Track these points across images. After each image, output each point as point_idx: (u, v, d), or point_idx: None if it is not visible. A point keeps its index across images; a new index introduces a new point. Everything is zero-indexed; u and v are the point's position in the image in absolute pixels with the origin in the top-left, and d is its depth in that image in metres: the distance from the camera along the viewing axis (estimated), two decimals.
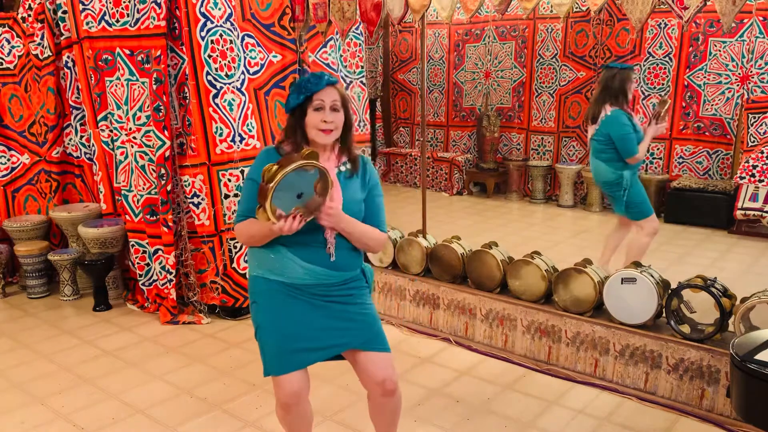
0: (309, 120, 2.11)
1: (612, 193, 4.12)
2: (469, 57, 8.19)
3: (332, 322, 2.19)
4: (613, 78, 3.96)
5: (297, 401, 2.19)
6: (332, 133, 2.13)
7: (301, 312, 2.16)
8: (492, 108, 8.01)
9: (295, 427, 2.32)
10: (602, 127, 3.98)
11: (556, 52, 7.31)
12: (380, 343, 2.24)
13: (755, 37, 5.93)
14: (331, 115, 2.11)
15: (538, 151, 7.71)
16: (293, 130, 2.16)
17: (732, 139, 6.23)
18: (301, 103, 2.12)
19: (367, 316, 2.26)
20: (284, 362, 2.15)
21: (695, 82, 6.38)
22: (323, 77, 2.13)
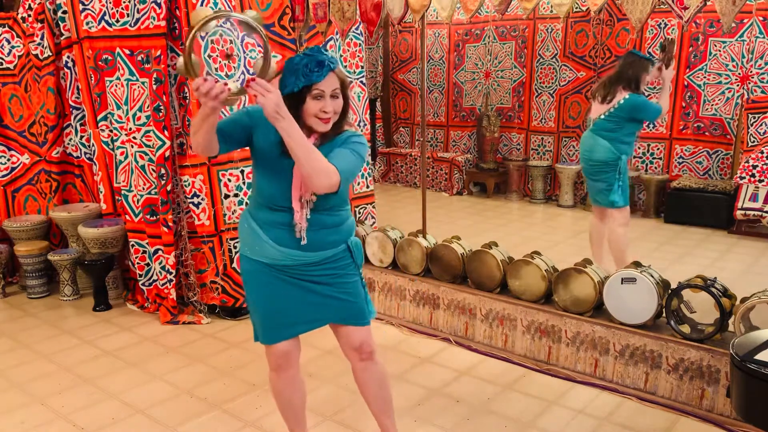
0: (307, 107, 2.04)
1: (601, 176, 4.10)
2: (469, 57, 8.19)
3: (313, 298, 2.25)
4: (630, 64, 4.01)
5: (286, 362, 2.31)
6: (330, 121, 2.09)
7: (283, 290, 2.22)
8: (492, 108, 8.01)
9: (287, 394, 2.41)
10: (620, 109, 4.00)
11: (556, 52, 7.31)
12: (360, 318, 2.32)
13: (755, 37, 5.93)
14: (331, 103, 2.05)
15: (538, 151, 7.71)
16: None
17: (732, 139, 6.23)
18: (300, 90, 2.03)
19: (348, 294, 2.29)
20: (272, 334, 2.27)
21: (695, 82, 6.38)
22: (324, 64, 2.01)
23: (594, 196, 4.29)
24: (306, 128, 2.07)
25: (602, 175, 4.11)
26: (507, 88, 7.87)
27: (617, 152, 4.04)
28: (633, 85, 3.99)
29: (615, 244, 4.20)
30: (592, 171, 4.18)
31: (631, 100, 3.98)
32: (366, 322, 2.35)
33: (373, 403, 2.48)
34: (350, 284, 2.30)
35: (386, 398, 2.48)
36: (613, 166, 4.06)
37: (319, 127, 2.09)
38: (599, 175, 4.13)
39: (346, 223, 2.27)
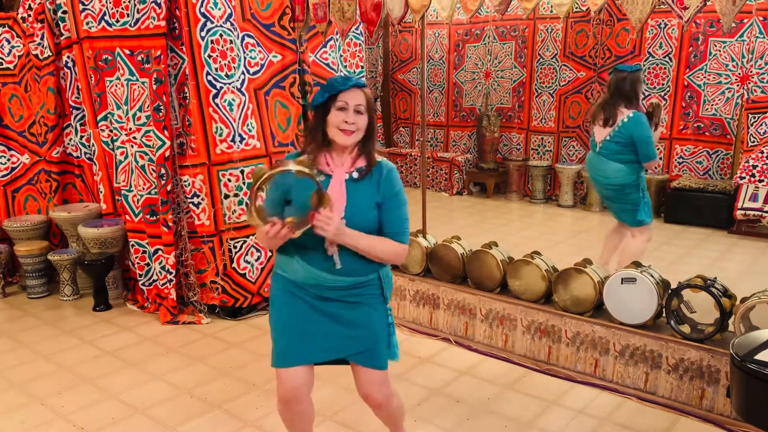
0: (331, 119, 2.08)
1: (624, 197, 4.00)
2: (469, 57, 8.19)
3: (333, 326, 2.19)
4: (624, 80, 3.91)
5: (295, 398, 2.22)
6: (353, 135, 2.09)
7: (305, 311, 2.19)
8: (492, 108, 8.01)
9: (294, 424, 2.35)
10: (623, 128, 3.89)
11: (556, 52, 7.31)
12: (374, 360, 2.23)
13: (755, 37, 5.93)
14: (353, 116, 2.07)
15: (538, 151, 7.71)
16: (315, 128, 2.14)
17: (732, 139, 6.24)
18: (325, 102, 2.09)
19: (369, 327, 2.22)
20: (286, 356, 2.20)
21: (695, 82, 6.38)
22: (351, 78, 2.10)
23: (618, 214, 4.17)
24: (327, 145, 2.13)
25: (625, 198, 4.01)
26: (507, 88, 7.88)
27: (634, 173, 3.93)
28: (634, 100, 3.91)
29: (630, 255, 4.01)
30: (613, 195, 4.07)
31: (635, 119, 3.87)
32: (380, 366, 2.25)
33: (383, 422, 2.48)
34: (373, 316, 2.23)
35: (397, 424, 2.47)
36: (635, 187, 3.96)
37: (340, 140, 2.09)
38: (622, 198, 4.03)
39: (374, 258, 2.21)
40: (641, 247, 4.08)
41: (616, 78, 3.97)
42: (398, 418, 2.45)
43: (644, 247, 4.11)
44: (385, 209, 2.16)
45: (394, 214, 2.17)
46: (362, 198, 2.13)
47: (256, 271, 4.24)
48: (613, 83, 3.98)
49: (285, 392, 2.21)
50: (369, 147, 2.16)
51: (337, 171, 2.13)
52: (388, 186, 2.17)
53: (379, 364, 2.24)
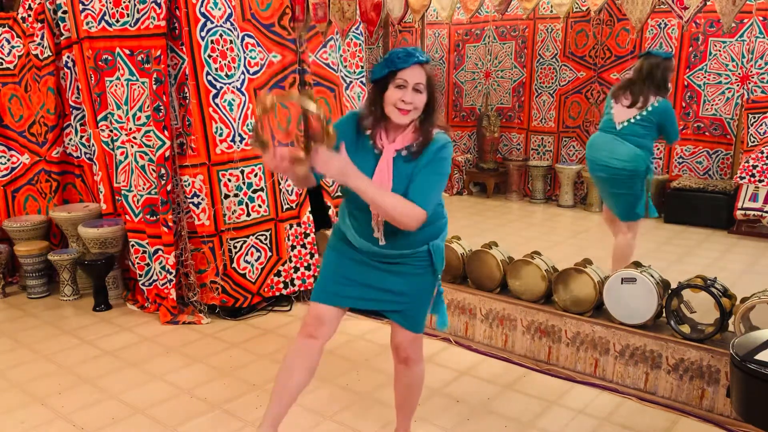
0: (388, 96, 2.05)
1: (627, 185, 3.85)
2: (469, 57, 8.19)
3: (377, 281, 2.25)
4: (657, 66, 3.77)
5: (316, 329, 2.27)
6: (409, 114, 2.06)
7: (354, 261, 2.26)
8: (492, 108, 8.01)
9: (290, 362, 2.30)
10: (654, 114, 3.78)
11: (556, 52, 7.31)
12: (409, 322, 2.29)
13: (755, 37, 5.93)
14: (411, 95, 2.03)
15: (538, 151, 7.72)
16: (372, 103, 2.11)
17: (732, 139, 6.24)
18: (385, 77, 2.05)
19: (411, 292, 2.26)
20: (323, 292, 2.30)
21: (695, 82, 6.38)
22: (414, 54, 2.03)
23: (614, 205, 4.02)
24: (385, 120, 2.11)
25: (628, 185, 3.86)
26: (507, 88, 7.87)
27: (648, 161, 3.83)
28: (662, 88, 3.81)
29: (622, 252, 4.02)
30: (617, 180, 3.87)
31: (665, 105, 3.81)
32: (414, 328, 2.31)
33: (397, 398, 2.56)
34: (417, 284, 2.27)
35: (411, 402, 2.55)
36: (642, 177, 3.84)
37: (396, 118, 2.07)
38: (625, 184, 3.86)
39: (433, 225, 2.21)
40: (631, 245, 4.05)
41: (649, 63, 3.80)
42: (415, 392, 2.50)
43: (633, 244, 4.07)
44: (419, 170, 2.08)
45: (426, 178, 2.07)
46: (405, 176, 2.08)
47: (256, 271, 4.24)
48: (645, 68, 3.80)
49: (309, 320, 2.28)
50: (427, 125, 2.11)
51: (387, 147, 2.10)
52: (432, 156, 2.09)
53: (413, 327, 2.30)
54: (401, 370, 2.43)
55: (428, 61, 2.08)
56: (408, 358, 2.36)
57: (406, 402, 2.55)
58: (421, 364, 2.44)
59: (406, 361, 2.38)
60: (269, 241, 4.28)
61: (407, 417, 2.60)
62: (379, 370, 3.42)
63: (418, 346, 2.38)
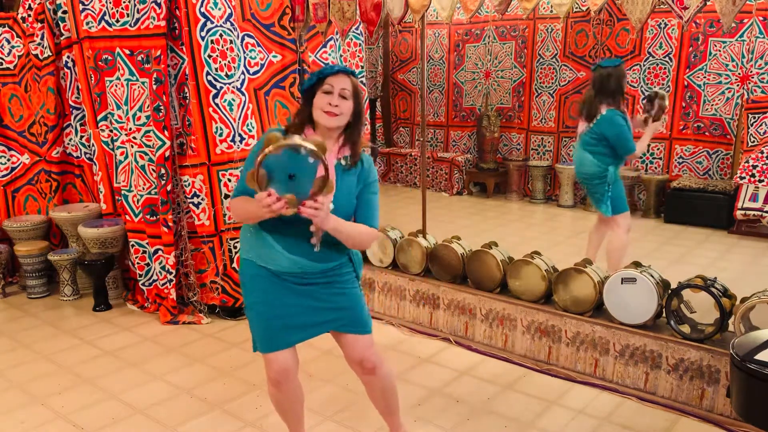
0: (316, 101, 2.16)
1: (593, 187, 4.12)
2: (469, 57, 8.19)
3: (314, 304, 2.28)
4: (608, 77, 3.94)
5: (285, 378, 2.32)
6: (336, 118, 2.15)
7: (285, 295, 2.26)
8: (492, 108, 8.00)
9: (286, 405, 2.44)
10: (596, 126, 4.00)
11: (556, 52, 7.31)
12: (359, 326, 2.35)
13: (755, 37, 5.93)
14: (338, 100, 2.14)
15: (538, 151, 7.71)
16: (301, 110, 2.22)
17: (732, 139, 6.23)
18: (313, 85, 2.17)
19: (348, 299, 2.33)
20: (272, 341, 2.28)
21: (695, 82, 6.38)
22: (339, 65, 2.21)
23: (593, 203, 4.34)
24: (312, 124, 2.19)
25: (593, 188, 4.13)
26: (507, 88, 7.87)
27: (603, 165, 4.03)
28: (618, 95, 3.96)
29: (614, 252, 4.15)
30: (584, 183, 4.25)
31: (608, 116, 3.95)
32: (366, 331, 2.37)
33: (377, 406, 2.56)
34: (349, 289, 2.35)
35: (391, 404, 2.54)
36: (602, 179, 4.05)
37: (324, 121, 2.15)
38: (590, 187, 4.17)
39: None
40: (622, 238, 4.16)
41: (599, 74, 3.99)
42: (393, 393, 2.51)
43: (625, 239, 4.17)
44: (362, 195, 2.26)
45: (368, 203, 2.27)
46: (347, 187, 2.21)
47: None
48: (597, 80, 4.01)
49: (276, 374, 2.30)
50: (355, 136, 2.23)
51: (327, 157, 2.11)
52: (368, 176, 2.28)
53: (365, 329, 2.37)
54: (371, 381, 2.43)
55: (354, 73, 2.22)
56: (374, 367, 2.38)
57: (389, 406, 2.54)
58: (386, 367, 2.43)
59: (372, 371, 2.39)
60: None
61: (395, 416, 2.59)
62: None
63: (378, 350, 2.41)
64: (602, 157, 4.03)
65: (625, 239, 4.17)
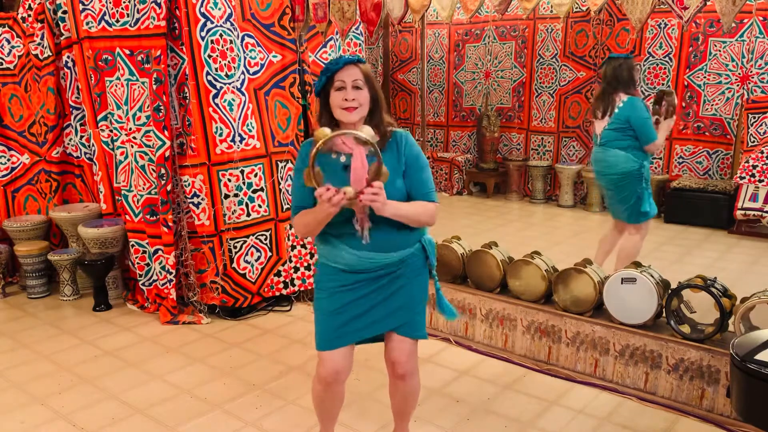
0: (332, 100, 2.14)
1: (629, 186, 3.91)
2: (469, 57, 8.19)
3: (375, 306, 2.26)
4: (620, 67, 3.91)
5: (335, 379, 2.31)
6: (356, 111, 2.13)
7: (350, 298, 2.25)
8: (492, 108, 8.01)
9: (327, 405, 2.44)
10: (621, 112, 3.87)
11: (556, 52, 7.31)
12: (411, 329, 2.33)
13: (755, 37, 5.93)
14: (352, 93, 2.11)
15: (538, 151, 7.71)
16: (321, 114, 2.21)
17: (732, 139, 6.24)
18: (324, 85, 2.15)
19: (412, 299, 2.31)
20: (328, 339, 2.28)
21: (695, 82, 6.38)
22: (344, 57, 2.16)
23: (618, 213, 4.09)
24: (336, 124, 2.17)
25: (627, 188, 3.93)
26: (507, 88, 7.87)
27: (637, 160, 3.87)
28: (631, 86, 3.91)
29: (628, 253, 4.01)
30: (615, 186, 3.98)
31: (631, 101, 3.88)
32: (416, 335, 2.35)
33: (394, 407, 2.57)
34: (417, 287, 2.32)
35: (407, 409, 2.55)
36: (637, 176, 3.88)
37: (345, 118, 2.13)
38: (624, 188, 3.94)
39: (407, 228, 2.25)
40: (638, 246, 4.07)
41: (612, 66, 3.96)
42: (414, 400, 2.52)
43: (640, 245, 4.09)
44: (410, 174, 2.21)
45: (420, 176, 2.22)
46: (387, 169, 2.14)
47: (256, 271, 4.24)
48: (609, 71, 3.96)
49: (327, 374, 2.29)
50: (377, 119, 2.19)
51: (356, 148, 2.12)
52: (409, 151, 2.22)
53: (419, 334, 2.36)
54: (399, 385, 2.43)
55: (361, 61, 2.17)
56: (405, 374, 2.37)
57: (404, 410, 2.55)
58: (417, 376, 2.44)
59: (403, 377, 2.38)
60: (269, 241, 4.28)
61: (405, 421, 2.60)
62: (379, 370, 3.42)
63: (416, 358, 2.40)
64: (634, 151, 3.85)
65: (641, 246, 4.06)
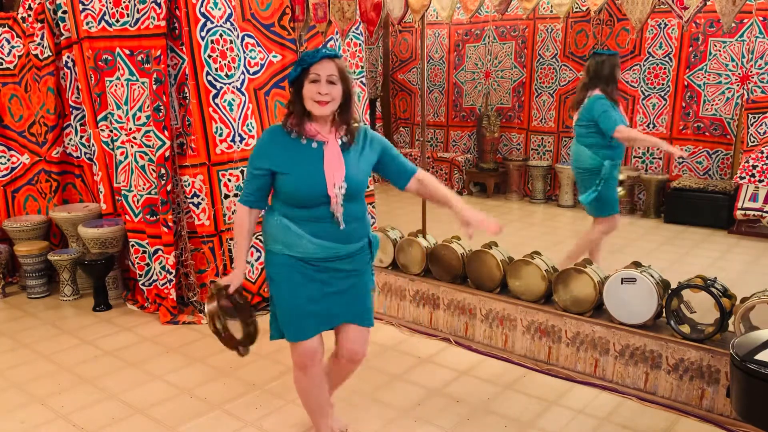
0: (305, 92, 2.19)
1: (586, 182, 4.05)
2: (469, 57, 8.19)
3: (336, 294, 2.36)
4: (602, 64, 3.95)
5: (312, 361, 2.39)
6: (328, 105, 2.19)
7: (312, 284, 2.32)
8: (492, 108, 8.01)
9: (315, 393, 2.50)
10: (584, 110, 3.98)
11: (556, 52, 7.31)
12: (367, 318, 2.46)
13: (755, 37, 5.93)
14: (326, 87, 2.17)
15: (538, 151, 7.71)
16: (293, 102, 2.25)
17: (732, 139, 6.23)
18: (299, 76, 2.19)
19: (364, 289, 2.43)
20: (301, 330, 2.35)
21: (695, 82, 6.38)
22: (321, 50, 2.20)
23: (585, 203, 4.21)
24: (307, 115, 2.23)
25: (586, 183, 4.06)
26: (507, 88, 7.87)
27: (598, 158, 3.97)
28: (611, 83, 3.94)
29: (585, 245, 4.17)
30: (579, 180, 4.15)
31: (594, 98, 3.93)
32: (371, 323, 2.47)
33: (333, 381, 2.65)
34: (367, 279, 2.45)
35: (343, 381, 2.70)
36: (595, 174, 3.98)
37: (316, 110, 2.19)
38: (583, 183, 4.09)
39: (366, 216, 2.42)
40: (595, 236, 4.15)
41: (596, 61, 3.99)
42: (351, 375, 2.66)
43: (599, 237, 4.16)
44: (387, 160, 2.41)
45: (399, 158, 2.44)
46: (354, 161, 2.29)
47: (255, 271, 4.24)
48: (591, 66, 4.01)
49: (303, 358, 2.38)
50: (347, 116, 2.28)
51: (330, 139, 2.25)
52: (378, 142, 2.40)
53: (371, 322, 2.48)
54: (349, 368, 2.55)
55: (337, 56, 2.22)
56: (360, 360, 2.50)
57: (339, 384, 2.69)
58: None
59: (358, 362, 2.51)
60: None
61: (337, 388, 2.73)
62: (379, 370, 3.42)
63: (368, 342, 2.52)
64: (597, 150, 3.96)
65: (598, 238, 4.16)
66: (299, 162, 2.22)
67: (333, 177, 2.22)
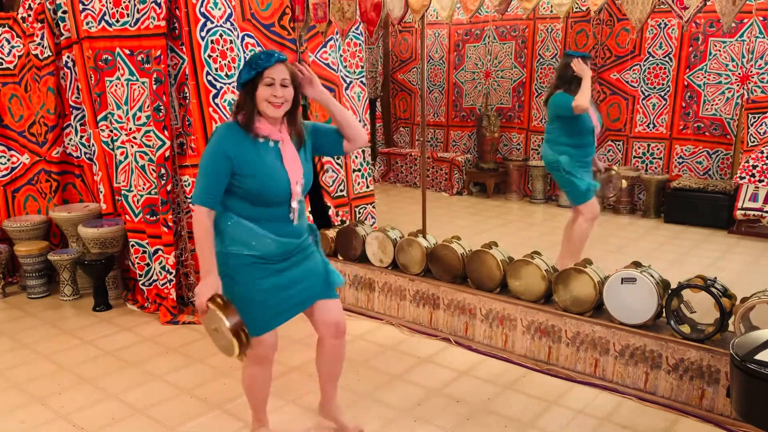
0: (259, 94, 2.27)
1: (554, 174, 4.34)
2: (469, 57, 8.19)
3: (297, 282, 2.45)
4: (568, 65, 4.07)
5: (272, 353, 2.55)
6: (282, 107, 2.29)
7: (273, 280, 2.40)
8: (492, 108, 8.01)
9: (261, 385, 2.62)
10: (548, 108, 4.18)
11: (556, 52, 7.31)
12: (331, 291, 2.56)
13: (755, 37, 5.93)
14: (280, 90, 2.27)
15: (538, 151, 7.71)
16: (243, 105, 2.31)
17: (732, 139, 6.23)
18: (252, 78, 2.26)
19: (320, 266, 2.53)
20: (264, 324, 2.43)
21: (695, 82, 6.38)
22: (273, 54, 2.28)
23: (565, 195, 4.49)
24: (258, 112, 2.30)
25: (555, 176, 4.35)
26: (507, 88, 7.87)
27: (555, 153, 4.18)
28: (575, 84, 4.02)
29: (575, 237, 4.32)
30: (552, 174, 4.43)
31: (553, 97, 4.11)
32: (335, 294, 2.58)
33: (325, 374, 2.69)
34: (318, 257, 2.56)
35: (338, 370, 2.71)
36: (555, 167, 4.20)
37: (271, 112, 2.28)
38: (555, 176, 4.37)
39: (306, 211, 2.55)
40: (583, 227, 4.31)
41: (564, 62, 4.14)
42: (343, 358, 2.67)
43: (585, 227, 4.31)
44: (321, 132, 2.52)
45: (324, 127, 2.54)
46: (305, 158, 2.42)
47: None
48: (560, 67, 4.17)
49: (264, 352, 2.49)
50: (295, 117, 2.38)
51: (285, 139, 2.35)
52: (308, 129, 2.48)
53: (335, 293, 2.58)
54: (337, 346, 2.59)
55: (287, 60, 2.34)
56: (344, 329, 2.58)
57: (336, 372, 2.70)
58: None
59: (343, 333, 2.58)
60: None
61: (335, 381, 2.74)
62: (379, 370, 3.42)
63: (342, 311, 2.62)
64: (553, 145, 4.19)
65: (586, 228, 4.30)
66: (262, 162, 2.29)
67: (294, 175, 2.33)
